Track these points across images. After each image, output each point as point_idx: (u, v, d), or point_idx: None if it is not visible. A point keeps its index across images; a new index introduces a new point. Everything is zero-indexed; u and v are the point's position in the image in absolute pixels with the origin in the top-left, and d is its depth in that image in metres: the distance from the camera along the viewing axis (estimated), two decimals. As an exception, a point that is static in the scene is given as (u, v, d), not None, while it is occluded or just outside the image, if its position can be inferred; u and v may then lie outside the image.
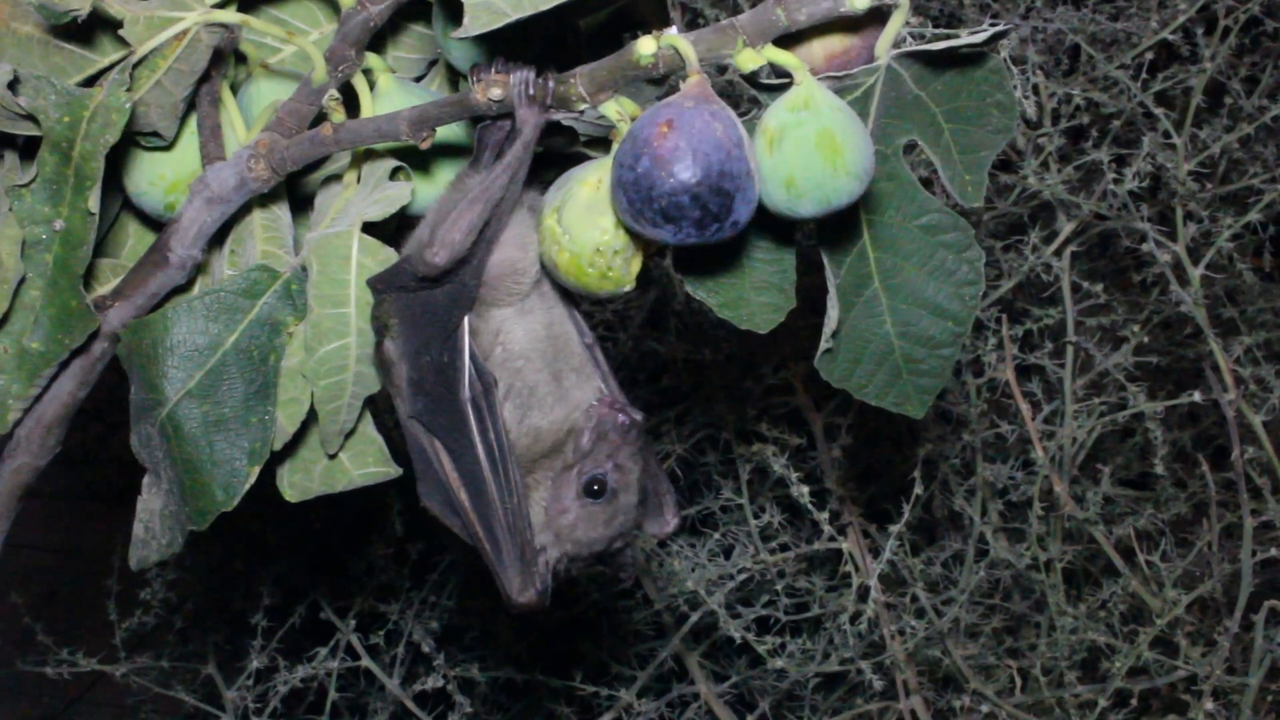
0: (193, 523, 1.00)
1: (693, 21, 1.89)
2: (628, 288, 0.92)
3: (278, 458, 1.04)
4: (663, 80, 0.89)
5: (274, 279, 1.00)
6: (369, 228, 0.97)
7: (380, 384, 0.98)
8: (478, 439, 0.93)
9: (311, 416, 1.01)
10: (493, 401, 0.93)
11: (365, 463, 1.05)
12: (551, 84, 0.88)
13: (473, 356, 0.93)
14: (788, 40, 0.85)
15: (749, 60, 0.84)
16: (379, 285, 0.94)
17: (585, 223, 0.89)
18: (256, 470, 1.00)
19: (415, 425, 0.96)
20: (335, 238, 0.96)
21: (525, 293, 0.97)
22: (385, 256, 0.96)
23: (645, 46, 0.84)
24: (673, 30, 0.84)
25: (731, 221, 0.82)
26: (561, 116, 0.90)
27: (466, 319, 0.93)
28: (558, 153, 1.00)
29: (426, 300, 0.92)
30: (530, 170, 0.91)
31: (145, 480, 1.04)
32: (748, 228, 0.85)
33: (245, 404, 0.99)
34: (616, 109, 0.88)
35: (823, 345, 0.94)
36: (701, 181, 0.80)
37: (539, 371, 0.97)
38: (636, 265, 0.91)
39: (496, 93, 0.89)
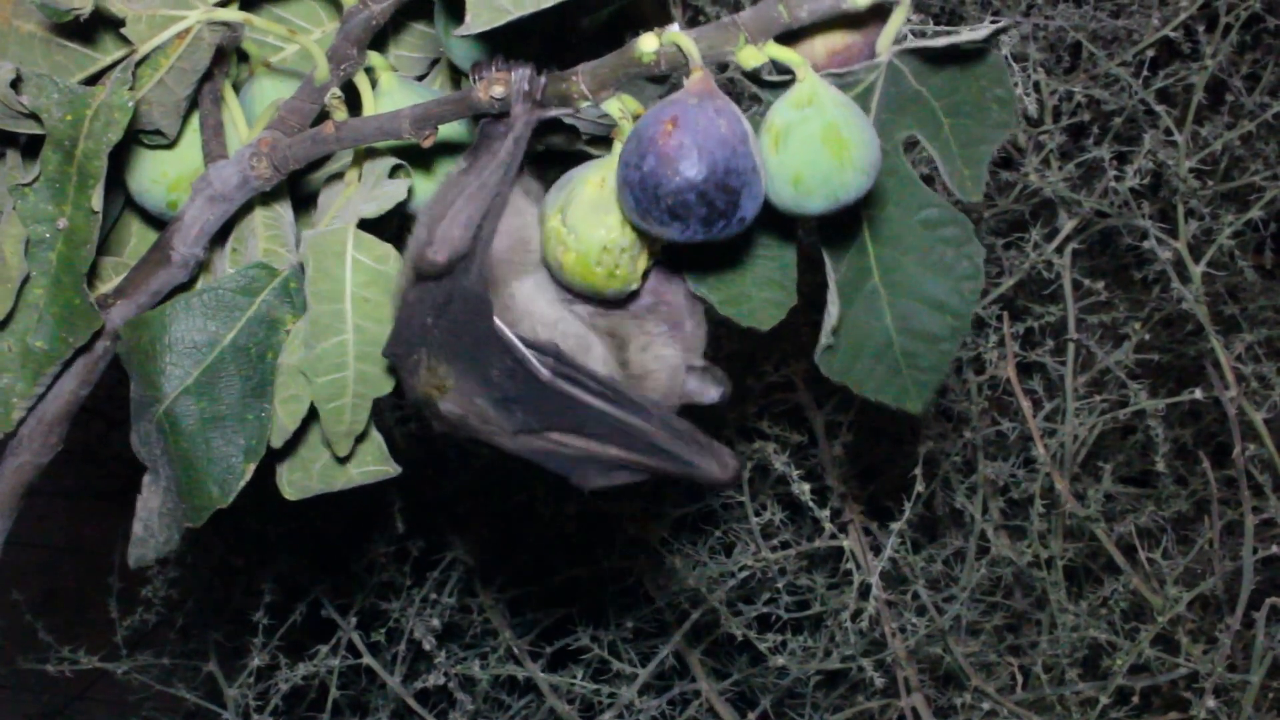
0: (189, 520, 1.00)
1: (694, 19, 1.89)
2: (635, 285, 0.91)
3: (278, 455, 1.04)
4: (665, 78, 0.89)
5: (272, 276, 1.00)
6: (367, 225, 0.96)
7: (389, 386, 0.98)
8: (588, 397, 0.90)
9: (312, 414, 1.00)
10: (568, 361, 0.91)
11: (364, 461, 1.05)
12: (544, 79, 0.88)
13: (523, 340, 0.90)
14: (789, 37, 0.85)
15: (751, 57, 0.84)
16: (396, 349, 0.92)
17: (591, 221, 0.89)
18: (252, 467, 1.00)
19: (527, 438, 0.92)
20: (330, 234, 0.96)
21: (539, 260, 0.95)
22: (381, 252, 0.96)
23: (647, 44, 0.84)
24: (674, 27, 0.84)
25: (739, 218, 0.82)
26: (557, 113, 0.90)
27: (496, 319, 0.90)
28: (559, 151, 1.00)
29: (451, 330, 0.90)
30: (531, 166, 0.91)
31: (145, 479, 1.04)
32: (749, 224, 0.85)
33: (242, 401, 0.99)
34: (619, 107, 0.88)
35: (822, 341, 0.94)
36: (708, 179, 0.80)
37: (573, 323, 0.96)
38: (643, 263, 0.91)
39: (498, 91, 0.89)
